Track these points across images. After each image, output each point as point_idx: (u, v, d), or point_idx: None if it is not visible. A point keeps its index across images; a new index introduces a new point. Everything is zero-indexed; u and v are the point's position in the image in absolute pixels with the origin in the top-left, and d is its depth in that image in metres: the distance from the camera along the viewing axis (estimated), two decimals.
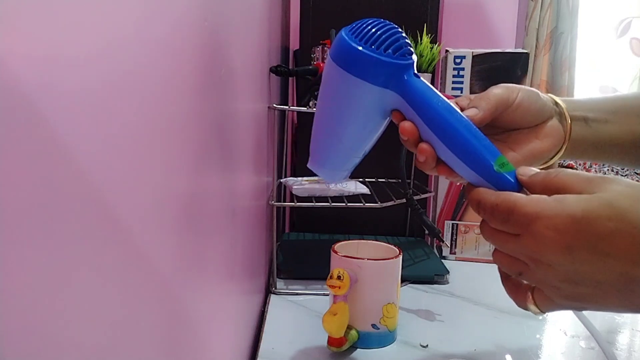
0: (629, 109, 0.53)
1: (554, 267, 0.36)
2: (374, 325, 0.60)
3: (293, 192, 0.83)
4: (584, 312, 0.42)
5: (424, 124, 0.41)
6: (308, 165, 0.46)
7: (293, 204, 0.79)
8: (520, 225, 0.37)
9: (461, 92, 0.90)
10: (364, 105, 0.41)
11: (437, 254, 0.95)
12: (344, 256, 0.60)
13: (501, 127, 0.50)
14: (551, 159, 0.52)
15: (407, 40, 0.40)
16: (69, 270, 0.17)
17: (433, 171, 0.45)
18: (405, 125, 0.42)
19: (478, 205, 0.40)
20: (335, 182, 0.47)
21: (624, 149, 0.53)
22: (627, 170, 2.13)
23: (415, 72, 0.41)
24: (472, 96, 0.48)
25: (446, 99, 0.42)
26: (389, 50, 0.39)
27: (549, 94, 0.52)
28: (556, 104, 0.51)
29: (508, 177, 0.40)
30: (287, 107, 0.76)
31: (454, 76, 0.89)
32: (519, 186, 0.40)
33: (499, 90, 0.48)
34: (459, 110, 0.42)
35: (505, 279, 0.43)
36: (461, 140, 0.41)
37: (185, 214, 0.31)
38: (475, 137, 0.41)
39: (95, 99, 0.19)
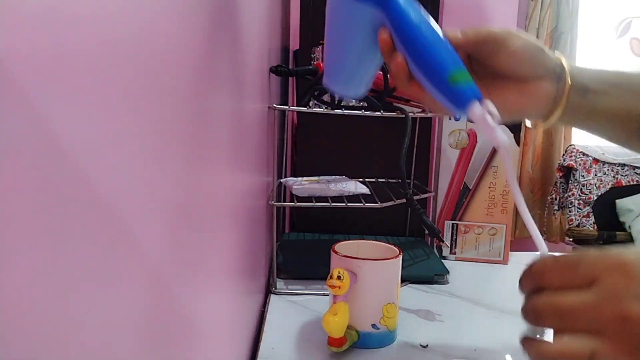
0: (631, 85, 0.52)
1: None
2: (374, 325, 0.60)
3: (293, 192, 0.83)
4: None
5: (395, 34, 0.44)
6: (324, 84, 0.51)
7: (293, 204, 0.79)
8: (595, 265, 0.33)
9: None
10: (357, 21, 0.46)
11: (437, 254, 0.95)
12: (344, 256, 0.60)
13: (491, 68, 0.49)
14: (546, 120, 0.52)
15: None
16: (67, 270, 0.17)
17: (407, 89, 0.47)
18: (382, 34, 0.44)
19: (533, 266, 0.37)
20: (350, 95, 0.53)
21: (615, 123, 0.52)
22: (628, 170, 2.13)
23: None
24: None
25: (427, 18, 0.45)
26: None
27: (560, 57, 0.51)
28: (561, 66, 0.50)
29: (463, 90, 0.43)
30: (287, 107, 0.76)
31: None
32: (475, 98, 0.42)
33: (498, 30, 0.47)
34: (438, 29, 0.44)
35: None
36: (421, 49, 0.43)
37: (185, 213, 0.31)
38: (438, 50, 0.44)
39: (95, 99, 0.19)
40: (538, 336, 0.36)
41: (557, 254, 0.36)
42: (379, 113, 0.75)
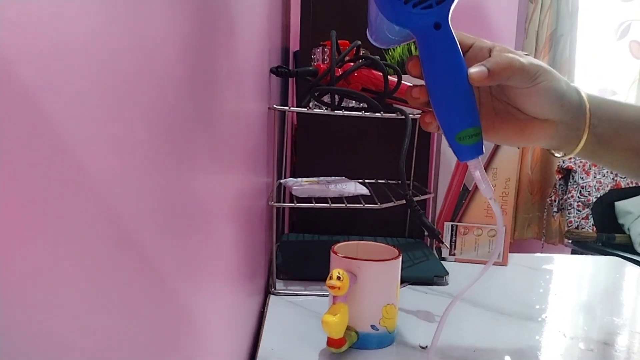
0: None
1: None
2: (373, 326, 0.60)
3: (293, 193, 0.83)
4: None
5: (422, 68, 0.45)
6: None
7: (293, 204, 0.79)
8: None
9: None
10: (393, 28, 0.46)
11: (437, 255, 0.95)
12: (343, 257, 0.60)
13: (507, 98, 0.49)
14: (563, 155, 0.52)
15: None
16: (68, 270, 0.17)
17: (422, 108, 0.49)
18: (411, 62, 0.46)
19: None
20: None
21: (625, 160, 0.51)
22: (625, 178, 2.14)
23: (443, 23, 0.43)
24: (499, 53, 0.46)
25: (459, 56, 0.44)
26: (417, 7, 0.43)
27: (587, 99, 0.49)
28: (580, 113, 0.48)
29: (463, 150, 0.45)
30: (287, 107, 0.76)
31: None
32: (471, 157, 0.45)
33: (529, 66, 0.45)
34: (462, 72, 0.44)
35: None
36: (437, 100, 0.45)
37: (184, 214, 0.31)
38: (451, 106, 0.45)
39: (96, 99, 0.19)
40: None
41: (556, 254, 0.36)
42: (379, 114, 0.75)
